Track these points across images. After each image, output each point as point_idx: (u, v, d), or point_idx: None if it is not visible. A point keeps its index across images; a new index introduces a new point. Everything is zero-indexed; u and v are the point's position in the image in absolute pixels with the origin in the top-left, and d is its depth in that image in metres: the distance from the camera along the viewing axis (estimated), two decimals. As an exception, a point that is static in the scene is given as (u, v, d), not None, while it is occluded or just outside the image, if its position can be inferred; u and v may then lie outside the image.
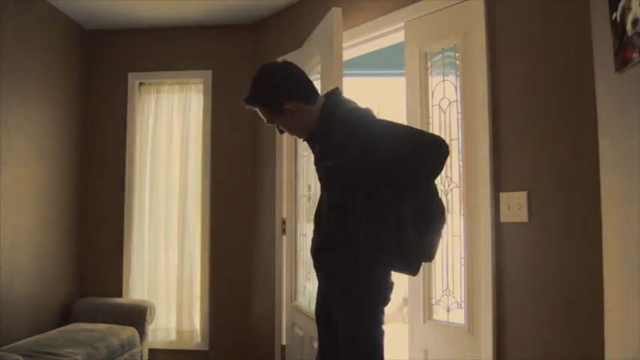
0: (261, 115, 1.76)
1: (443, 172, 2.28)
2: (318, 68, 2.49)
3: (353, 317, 1.71)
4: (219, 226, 3.46)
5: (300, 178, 2.97)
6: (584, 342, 1.75)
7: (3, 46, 2.77)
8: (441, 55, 2.36)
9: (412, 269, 1.73)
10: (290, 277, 3.00)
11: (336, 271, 1.74)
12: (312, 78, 1.88)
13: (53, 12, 3.27)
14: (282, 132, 1.83)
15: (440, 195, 1.76)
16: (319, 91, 1.82)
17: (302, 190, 2.94)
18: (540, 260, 1.90)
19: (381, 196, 1.59)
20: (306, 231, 2.82)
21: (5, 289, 2.75)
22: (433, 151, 1.56)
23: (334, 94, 1.79)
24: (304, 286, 2.83)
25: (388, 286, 1.75)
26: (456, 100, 2.26)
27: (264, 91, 1.70)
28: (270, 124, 1.80)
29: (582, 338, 1.76)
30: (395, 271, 1.78)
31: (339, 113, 1.68)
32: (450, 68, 2.31)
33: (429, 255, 1.75)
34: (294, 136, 1.87)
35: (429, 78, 2.39)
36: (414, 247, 1.68)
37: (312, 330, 2.55)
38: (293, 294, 2.97)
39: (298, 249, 2.95)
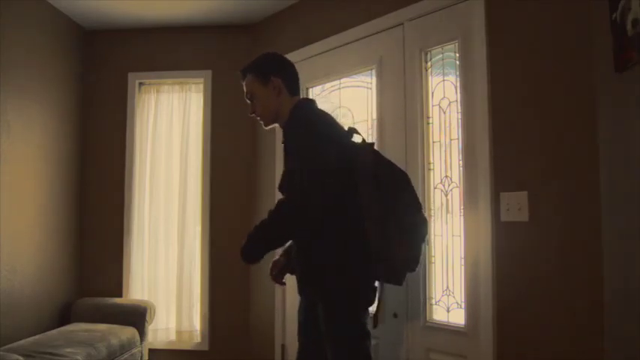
0: (246, 88, 1.92)
1: (443, 172, 2.30)
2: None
3: (337, 319, 1.74)
4: (219, 226, 3.46)
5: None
6: (584, 342, 1.75)
7: (3, 45, 2.77)
8: (441, 55, 2.35)
9: (398, 280, 1.78)
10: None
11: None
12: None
13: (53, 12, 3.27)
14: (253, 112, 1.94)
15: (423, 207, 1.86)
16: None
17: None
18: (540, 260, 1.90)
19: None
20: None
21: (5, 289, 2.75)
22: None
23: (308, 101, 1.98)
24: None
25: (370, 289, 1.77)
26: (456, 100, 2.26)
27: (260, 60, 1.94)
28: (248, 98, 1.93)
29: (582, 338, 1.76)
30: (381, 281, 1.81)
31: (300, 117, 1.82)
32: (450, 68, 2.30)
33: (412, 266, 1.80)
34: (261, 121, 1.96)
35: (429, 78, 2.39)
36: (400, 259, 1.75)
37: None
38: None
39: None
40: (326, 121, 1.90)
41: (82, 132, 3.57)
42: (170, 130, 3.61)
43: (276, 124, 1.94)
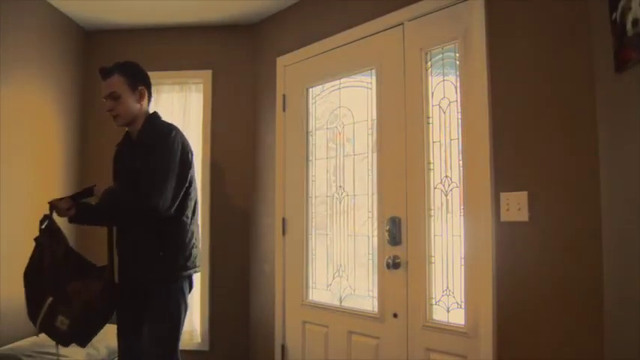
0: (109, 85, 2.09)
1: (443, 172, 2.30)
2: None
3: None
4: (219, 226, 3.46)
5: (317, 179, 2.99)
6: (584, 342, 1.75)
7: (2, 46, 2.77)
8: (441, 55, 2.35)
9: None
10: (300, 277, 3.00)
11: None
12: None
13: (53, 12, 3.27)
14: (112, 109, 2.11)
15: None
16: None
17: (317, 190, 2.97)
18: (540, 260, 1.90)
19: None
20: (330, 230, 2.87)
21: (5, 290, 2.75)
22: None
23: (156, 112, 2.25)
24: (329, 283, 2.86)
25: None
26: (456, 100, 2.26)
27: (132, 67, 2.15)
28: (112, 97, 2.10)
29: (582, 338, 1.76)
30: None
31: (163, 125, 2.16)
32: (450, 68, 2.30)
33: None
34: (117, 119, 2.14)
35: (429, 78, 2.39)
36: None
37: (342, 324, 2.70)
38: (304, 293, 2.97)
39: (312, 248, 2.97)
40: (180, 133, 2.19)
41: (83, 132, 3.57)
42: (170, 130, 3.61)
43: (127, 127, 2.18)
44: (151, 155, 2.04)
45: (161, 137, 2.07)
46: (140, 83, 2.15)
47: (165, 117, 3.54)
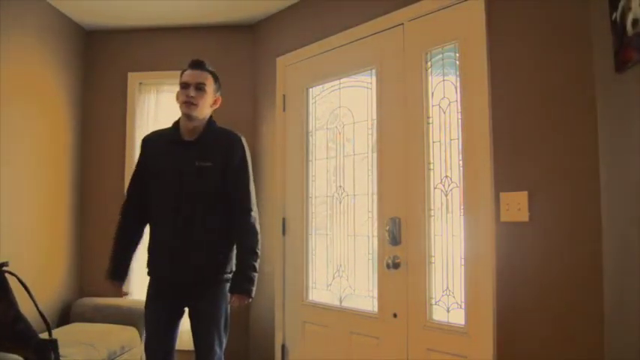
0: (200, 76, 2.18)
1: (443, 172, 2.30)
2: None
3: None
4: (219, 226, 3.46)
5: (317, 179, 2.99)
6: (584, 342, 1.75)
7: (3, 46, 2.77)
8: (441, 55, 2.35)
9: None
10: (300, 276, 3.00)
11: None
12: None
13: (53, 12, 3.27)
14: (194, 97, 2.15)
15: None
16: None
17: (317, 190, 2.98)
18: (540, 260, 1.90)
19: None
20: (330, 230, 2.87)
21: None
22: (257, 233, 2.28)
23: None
24: (329, 283, 2.86)
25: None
26: (456, 100, 2.26)
27: (219, 78, 2.30)
28: (197, 87, 2.17)
29: (582, 338, 1.76)
30: None
31: (220, 128, 2.27)
32: (450, 68, 2.30)
33: None
34: (191, 108, 2.17)
35: (429, 78, 2.39)
36: None
37: (342, 324, 2.70)
38: (304, 293, 2.97)
39: (312, 248, 2.98)
40: None
41: (83, 133, 3.57)
42: (170, 130, 3.61)
43: (190, 120, 2.18)
44: (238, 160, 2.19)
45: (241, 145, 2.22)
46: (219, 92, 2.27)
47: (166, 117, 3.61)
